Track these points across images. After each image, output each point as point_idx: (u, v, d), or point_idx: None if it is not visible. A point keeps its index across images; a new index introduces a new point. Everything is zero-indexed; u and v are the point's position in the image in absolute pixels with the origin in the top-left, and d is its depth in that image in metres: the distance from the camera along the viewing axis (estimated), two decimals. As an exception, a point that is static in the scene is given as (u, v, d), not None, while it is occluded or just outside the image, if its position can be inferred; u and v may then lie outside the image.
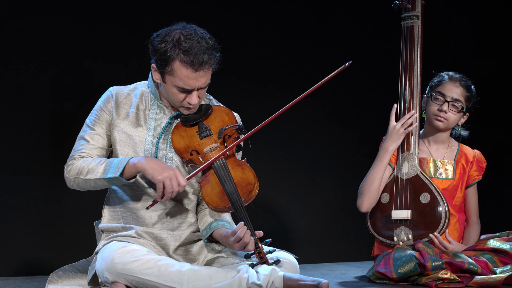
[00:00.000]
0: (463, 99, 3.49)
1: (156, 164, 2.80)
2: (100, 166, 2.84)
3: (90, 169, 2.85)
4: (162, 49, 2.81)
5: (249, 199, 2.83)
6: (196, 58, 2.79)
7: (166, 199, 2.79)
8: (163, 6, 4.12)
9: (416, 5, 3.55)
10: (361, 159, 4.14)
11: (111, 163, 2.84)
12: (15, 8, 3.80)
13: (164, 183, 2.77)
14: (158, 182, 2.77)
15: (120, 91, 3.01)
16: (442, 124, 3.50)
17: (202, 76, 2.83)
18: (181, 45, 2.80)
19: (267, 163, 4.33)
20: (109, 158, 2.98)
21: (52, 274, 2.94)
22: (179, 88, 2.84)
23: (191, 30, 2.84)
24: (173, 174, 2.78)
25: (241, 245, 2.78)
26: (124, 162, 2.82)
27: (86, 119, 2.99)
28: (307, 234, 4.50)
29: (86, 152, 2.91)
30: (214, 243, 2.97)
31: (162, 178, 2.77)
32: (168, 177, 2.77)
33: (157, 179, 2.77)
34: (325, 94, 4.55)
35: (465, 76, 3.55)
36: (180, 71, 2.81)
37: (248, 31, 4.38)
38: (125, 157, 2.85)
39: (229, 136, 2.93)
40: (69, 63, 3.90)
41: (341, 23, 4.62)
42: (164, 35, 2.84)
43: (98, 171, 2.84)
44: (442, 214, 3.38)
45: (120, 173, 2.80)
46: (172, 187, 2.77)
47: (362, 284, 3.35)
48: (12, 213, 3.77)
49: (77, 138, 2.97)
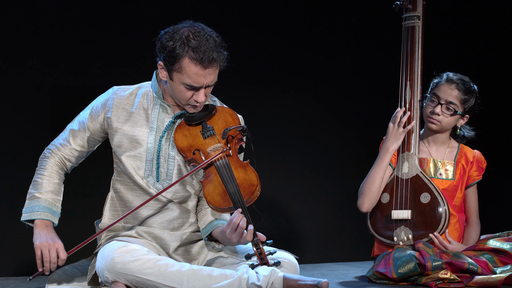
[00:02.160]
0: (457, 102, 3.46)
1: (43, 232, 2.88)
2: (36, 194, 2.94)
3: (37, 184, 2.97)
4: (171, 46, 2.82)
5: (251, 200, 2.83)
6: (206, 56, 2.79)
7: (47, 269, 2.83)
8: (165, 6, 4.11)
9: (417, 5, 3.55)
10: (361, 159, 4.14)
11: (36, 204, 2.92)
12: (15, 8, 3.80)
13: (41, 251, 2.82)
14: (35, 248, 2.84)
15: (122, 91, 3.02)
16: (435, 126, 3.49)
17: (210, 73, 2.83)
18: (190, 42, 2.80)
19: (267, 163, 4.33)
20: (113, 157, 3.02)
21: (52, 274, 2.95)
22: (187, 86, 2.85)
23: (199, 28, 2.85)
24: (52, 245, 2.83)
25: (239, 233, 2.76)
26: (34, 216, 2.91)
27: (83, 110, 3.04)
28: (307, 234, 4.50)
29: (62, 153, 3.01)
30: (214, 242, 2.97)
31: (40, 245, 2.83)
32: (46, 246, 2.83)
33: (35, 244, 2.85)
34: (325, 95, 4.56)
35: (465, 78, 3.50)
36: (189, 68, 2.81)
37: (251, 33, 4.37)
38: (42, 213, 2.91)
39: (233, 137, 2.93)
40: (69, 63, 3.90)
41: (342, 24, 4.61)
42: (172, 32, 2.84)
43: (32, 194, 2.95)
44: (442, 214, 3.38)
45: (27, 220, 2.92)
46: (49, 257, 2.81)
47: (362, 284, 3.35)
48: (12, 213, 3.77)
49: (67, 125, 3.05)
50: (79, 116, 3.04)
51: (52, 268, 2.82)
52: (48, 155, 3.02)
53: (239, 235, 2.77)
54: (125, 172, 2.96)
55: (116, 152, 2.98)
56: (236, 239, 2.78)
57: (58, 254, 2.82)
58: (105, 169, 3.27)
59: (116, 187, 3.00)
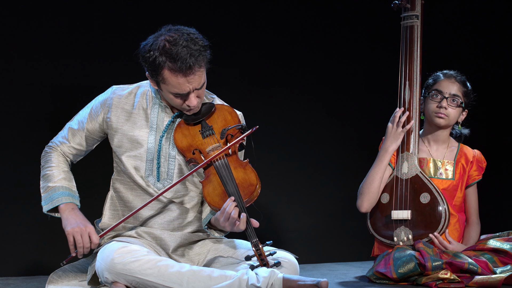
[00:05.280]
0: (460, 94, 3.50)
1: (73, 217, 2.87)
2: (50, 185, 2.94)
3: (47, 176, 2.97)
4: (150, 59, 2.81)
5: (251, 200, 2.83)
6: (184, 64, 2.76)
7: (80, 253, 2.84)
8: (164, 5, 4.11)
9: (416, 4, 3.55)
10: (361, 159, 4.13)
11: (54, 192, 2.93)
12: (15, 8, 3.80)
13: (74, 237, 2.82)
14: (67, 234, 2.84)
15: (121, 91, 3.02)
16: (443, 120, 3.50)
17: (193, 79, 2.81)
18: (166, 53, 2.78)
19: (267, 163, 4.33)
20: (113, 156, 3.01)
21: (52, 274, 2.95)
22: (174, 94, 2.84)
23: (176, 34, 2.81)
24: (84, 230, 2.83)
25: (231, 222, 2.78)
26: (57, 203, 2.90)
27: (82, 109, 3.04)
28: (307, 234, 4.50)
29: (61, 148, 3.02)
30: (213, 230, 2.98)
31: (72, 231, 2.83)
32: (78, 232, 2.83)
33: (66, 230, 2.85)
34: (325, 95, 4.56)
35: (459, 72, 3.57)
36: (170, 79, 2.80)
37: (251, 33, 4.37)
38: (63, 197, 2.91)
39: (232, 136, 2.92)
40: (69, 63, 3.90)
41: (342, 23, 4.61)
42: (150, 43, 2.82)
43: (46, 186, 2.95)
44: (442, 214, 3.38)
45: (50, 209, 2.92)
46: (82, 242, 2.82)
47: (362, 284, 3.35)
48: (12, 213, 3.77)
49: (66, 124, 3.05)
50: (78, 115, 3.04)
51: (85, 251, 2.83)
52: (50, 150, 3.04)
53: (232, 224, 2.79)
54: (126, 172, 2.97)
55: (116, 152, 2.98)
56: (230, 227, 2.81)
57: (90, 238, 2.83)
58: (105, 169, 3.27)
59: (116, 187, 3.00)
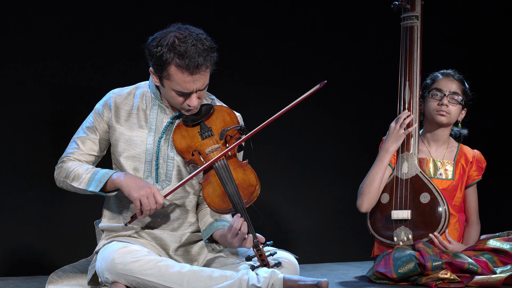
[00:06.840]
0: (460, 92, 3.52)
1: (133, 181, 2.82)
2: (86, 176, 2.87)
3: (76, 175, 2.88)
4: (157, 54, 2.79)
5: (251, 200, 2.83)
6: (192, 62, 2.76)
7: (145, 216, 2.82)
8: (164, 6, 4.11)
9: (416, 5, 3.55)
10: (361, 159, 4.14)
11: (95, 175, 2.86)
12: (15, 8, 3.80)
13: (140, 201, 2.79)
14: (134, 200, 2.79)
15: (119, 94, 3.00)
16: (445, 118, 3.50)
17: (199, 78, 2.81)
18: (175, 49, 2.77)
19: (267, 163, 4.33)
20: (112, 158, 2.99)
21: (52, 274, 2.95)
22: (177, 92, 2.83)
23: (186, 32, 2.81)
24: (149, 192, 2.80)
25: (240, 238, 2.76)
26: (106, 177, 2.85)
27: (84, 121, 3.00)
28: (307, 234, 4.50)
29: (75, 157, 2.95)
30: (214, 243, 2.97)
31: (138, 195, 2.79)
32: (145, 195, 2.79)
33: (133, 196, 2.79)
34: (325, 95, 4.56)
35: (456, 71, 3.58)
36: (176, 75, 2.79)
37: (251, 33, 4.37)
38: (109, 171, 2.87)
39: (231, 137, 2.92)
40: (69, 63, 3.90)
41: (342, 24, 4.62)
42: (159, 39, 2.81)
43: (82, 180, 2.87)
44: (442, 214, 3.38)
45: (101, 188, 2.84)
46: (149, 205, 2.79)
47: (362, 284, 3.36)
48: (12, 213, 3.77)
49: (71, 139, 2.99)
50: (83, 125, 2.99)
51: (151, 213, 2.81)
52: (63, 164, 2.95)
53: (240, 240, 2.77)
54: (125, 173, 2.96)
55: (114, 153, 2.97)
56: (238, 243, 2.79)
57: (155, 199, 2.80)
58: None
59: (116, 186, 2.99)
